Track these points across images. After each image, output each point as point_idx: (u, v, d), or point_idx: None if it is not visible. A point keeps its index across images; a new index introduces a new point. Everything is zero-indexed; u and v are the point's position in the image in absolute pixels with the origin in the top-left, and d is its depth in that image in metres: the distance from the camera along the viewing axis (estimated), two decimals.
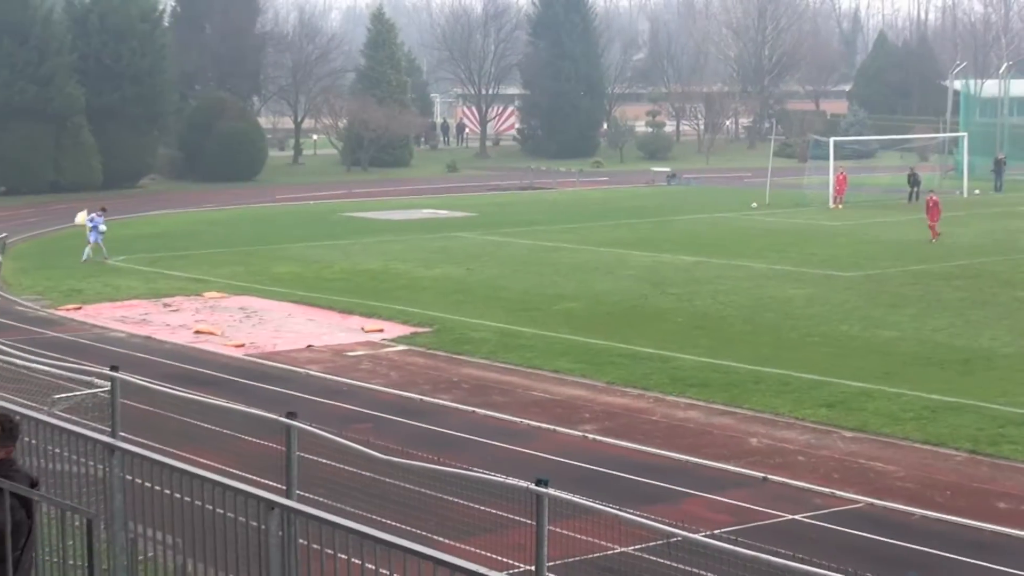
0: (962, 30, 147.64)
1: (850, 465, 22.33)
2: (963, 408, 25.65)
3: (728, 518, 19.44)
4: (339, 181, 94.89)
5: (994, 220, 61.72)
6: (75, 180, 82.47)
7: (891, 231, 57.48)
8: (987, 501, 20.34)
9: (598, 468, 22.15)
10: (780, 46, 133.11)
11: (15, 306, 39.89)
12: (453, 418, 25.96)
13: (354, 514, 14.63)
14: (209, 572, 11.40)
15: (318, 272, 46.87)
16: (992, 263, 46.44)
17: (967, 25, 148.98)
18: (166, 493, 11.44)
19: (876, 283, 42.22)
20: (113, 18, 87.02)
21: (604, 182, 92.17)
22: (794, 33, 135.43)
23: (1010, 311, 36.80)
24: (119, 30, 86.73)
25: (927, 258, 48.19)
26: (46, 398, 19.30)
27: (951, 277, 43.28)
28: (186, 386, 25.41)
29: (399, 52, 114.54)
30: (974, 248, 50.91)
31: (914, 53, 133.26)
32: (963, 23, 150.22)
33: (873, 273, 44.27)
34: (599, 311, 37.78)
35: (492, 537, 16.04)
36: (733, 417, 25.79)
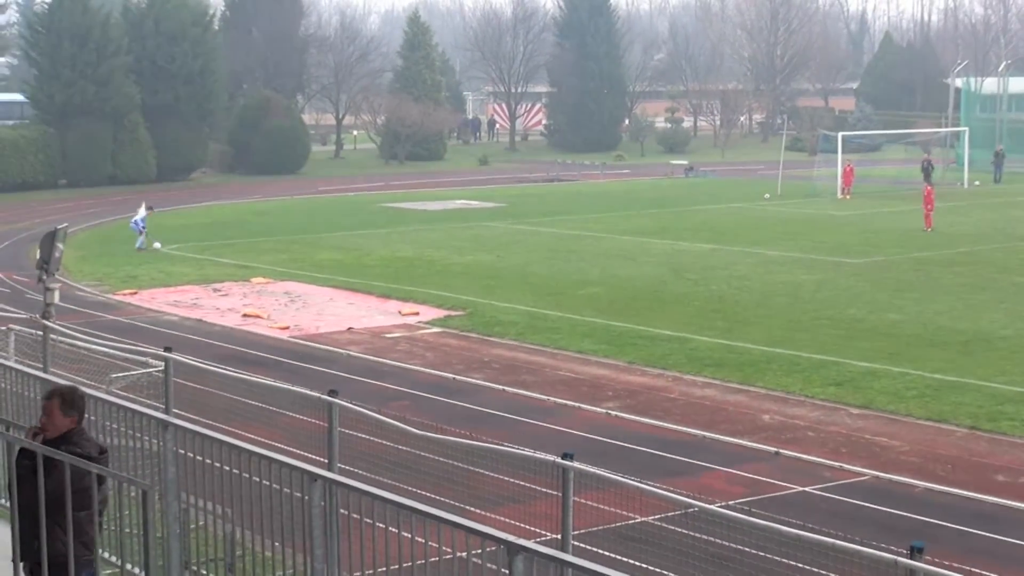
0: (963, 31, 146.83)
1: (857, 440, 22.29)
2: (964, 387, 25.58)
3: (742, 490, 19.42)
4: (377, 174, 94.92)
5: (993, 210, 61.45)
6: (131, 174, 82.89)
7: (896, 220, 57.25)
8: (986, 474, 20.28)
9: (620, 443, 22.15)
10: (791, 46, 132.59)
11: (76, 291, 40.01)
12: (484, 396, 25.99)
13: (391, 486, 14.64)
14: (256, 540, 11.43)
15: (358, 259, 46.90)
16: (991, 250, 46.25)
17: (968, 26, 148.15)
18: (216, 466, 11.47)
19: (882, 269, 42.09)
20: (167, 22, 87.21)
21: (626, 175, 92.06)
22: (804, 34, 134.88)
23: (1008, 295, 36.65)
24: (172, 33, 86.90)
25: (930, 245, 48.02)
26: (104, 377, 19.39)
27: (952, 263, 43.13)
28: (235, 366, 25.45)
29: (433, 53, 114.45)
30: (974, 236, 50.70)
31: (918, 53, 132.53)
32: (964, 24, 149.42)
33: (879, 260, 44.12)
34: (621, 295, 37.74)
35: (520, 507, 16.05)
36: (747, 395, 25.76)
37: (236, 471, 11.13)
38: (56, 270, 25.08)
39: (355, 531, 10.02)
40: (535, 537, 14.52)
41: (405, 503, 9.52)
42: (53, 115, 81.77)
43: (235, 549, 11.74)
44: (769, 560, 13.34)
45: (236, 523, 11.56)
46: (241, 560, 11.75)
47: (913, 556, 9.98)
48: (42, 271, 24.95)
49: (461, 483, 16.43)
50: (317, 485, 10.19)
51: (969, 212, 60.29)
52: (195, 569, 12.17)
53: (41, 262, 24.79)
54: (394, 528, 9.46)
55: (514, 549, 8.37)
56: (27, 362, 19.76)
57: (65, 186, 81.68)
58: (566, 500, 12.76)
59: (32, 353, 21.79)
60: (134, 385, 19.12)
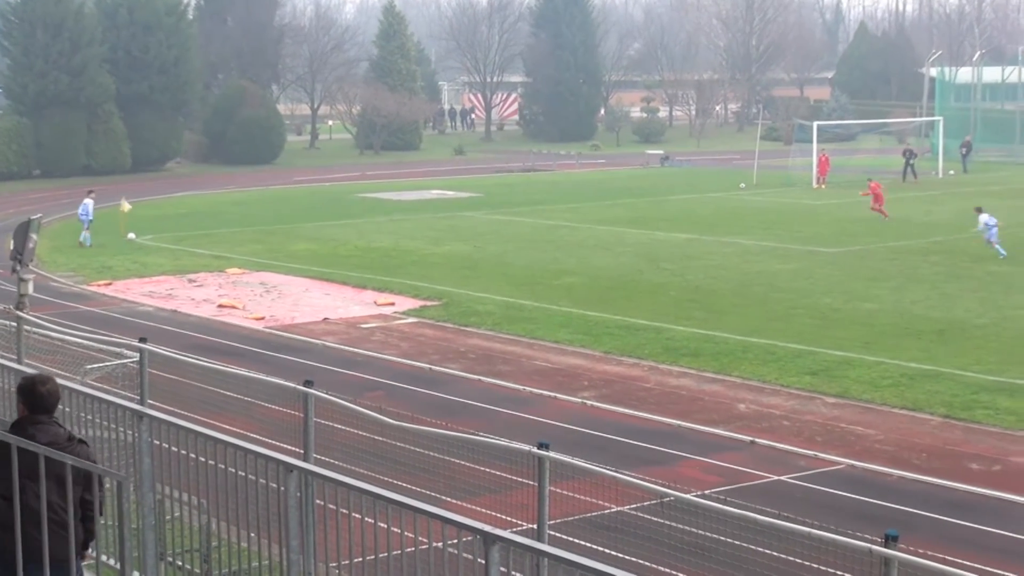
0: (938, 20, 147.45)
1: (832, 429, 22.35)
2: (938, 375, 25.67)
3: (718, 479, 19.47)
4: (353, 164, 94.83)
5: (967, 199, 61.48)
6: (106, 164, 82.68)
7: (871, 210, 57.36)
8: (961, 463, 20.35)
9: (596, 432, 22.17)
10: (767, 36, 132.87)
11: (50, 282, 39.89)
12: (460, 386, 25.99)
13: (368, 476, 14.65)
14: (231, 531, 11.43)
15: (333, 249, 46.85)
16: (965, 239, 46.36)
17: (943, 16, 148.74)
18: (191, 457, 11.47)
19: (857, 258, 42.20)
20: (141, 12, 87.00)
21: (602, 164, 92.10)
22: (780, 24, 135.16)
23: (983, 284, 36.79)
24: (147, 23, 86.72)
25: (905, 235, 48.16)
26: (79, 368, 19.35)
27: (927, 253, 43.27)
28: (210, 356, 25.42)
29: (409, 43, 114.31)
30: (949, 225, 50.84)
31: (893, 42, 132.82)
32: (939, 14, 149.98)
33: (854, 249, 44.24)
34: (597, 285, 37.77)
35: (496, 497, 16.06)
36: (723, 384, 25.81)
37: (211, 462, 11.12)
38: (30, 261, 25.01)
39: (331, 521, 10.03)
40: (511, 527, 14.54)
41: (381, 493, 9.52)
42: (27, 105, 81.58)
43: (211, 540, 11.74)
44: (745, 549, 13.38)
45: (212, 514, 11.56)
46: (217, 551, 11.75)
47: (888, 544, 10.02)
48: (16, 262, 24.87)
49: (437, 473, 16.42)
50: (293, 476, 10.19)
51: (944, 201, 60.46)
52: (171, 560, 12.16)
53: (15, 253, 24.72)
54: (370, 518, 9.47)
55: (490, 539, 8.39)
56: (1, 353, 19.69)
57: (39, 176, 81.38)
58: (542, 490, 12.78)
59: (6, 344, 21.72)
60: (109, 376, 19.08)
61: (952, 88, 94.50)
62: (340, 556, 10.11)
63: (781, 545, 12.83)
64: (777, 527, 11.86)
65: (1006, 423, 22.40)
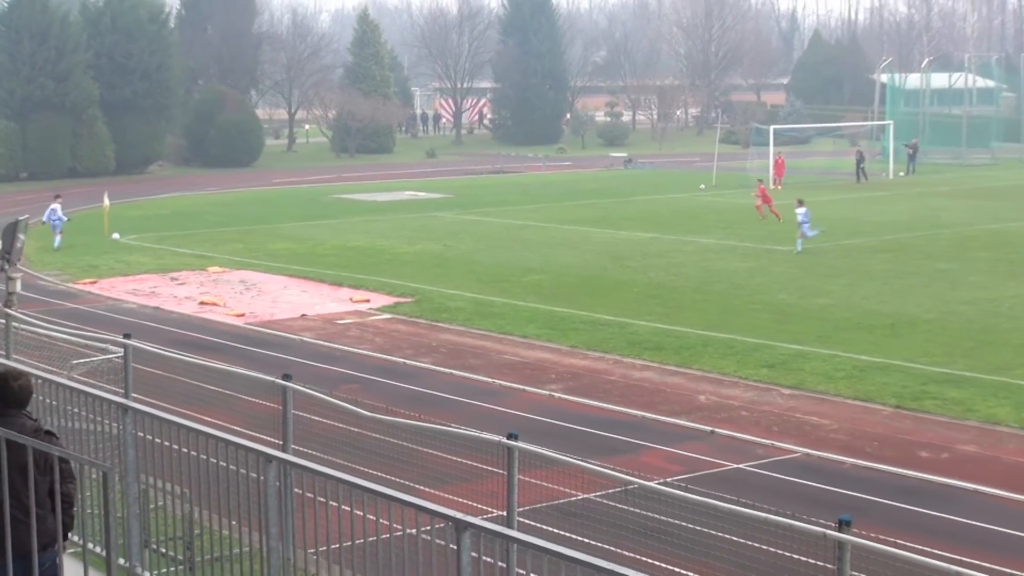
0: (888, 29, 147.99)
1: (788, 419, 22.42)
2: (889, 368, 25.78)
3: (680, 467, 19.51)
4: (329, 166, 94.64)
5: (916, 199, 61.88)
6: (90, 166, 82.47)
7: (825, 209, 57.43)
8: (911, 451, 20.44)
9: (563, 423, 22.19)
10: (725, 44, 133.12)
11: (38, 281, 39.72)
12: (432, 379, 25.98)
13: (344, 466, 14.64)
14: (213, 519, 11.40)
15: (311, 248, 46.77)
16: (915, 238, 46.60)
17: (893, 25, 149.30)
18: (174, 448, 11.44)
19: (811, 256, 42.31)
20: (124, 19, 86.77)
21: (567, 167, 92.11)
22: (738, 32, 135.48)
23: (931, 280, 36.95)
24: (129, 30, 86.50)
25: (857, 233, 48.31)
26: (66, 363, 19.26)
27: (878, 250, 43.43)
28: (192, 352, 25.34)
29: (382, 50, 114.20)
30: (899, 224, 51.04)
31: (845, 50, 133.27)
32: (889, 23, 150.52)
33: (809, 247, 44.33)
34: (563, 282, 37.80)
35: (467, 486, 16.06)
36: (684, 377, 25.86)
37: (194, 453, 11.10)
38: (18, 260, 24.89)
39: (309, 509, 10.02)
40: (482, 514, 14.54)
41: (357, 482, 9.52)
42: (14, 110, 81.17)
43: (193, 528, 11.71)
44: (705, 534, 13.41)
45: (194, 503, 11.53)
46: (199, 538, 11.72)
47: (841, 529, 10.07)
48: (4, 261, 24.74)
49: (411, 463, 16.42)
50: (272, 466, 10.18)
51: (894, 201, 60.69)
52: (155, 547, 12.13)
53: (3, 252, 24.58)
54: (347, 506, 9.47)
55: (462, 526, 8.40)
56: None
57: (26, 179, 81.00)
58: (511, 478, 12.79)
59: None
60: (94, 371, 18.99)
61: (902, 93, 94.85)
62: (318, 543, 10.11)
63: (740, 530, 12.89)
64: (736, 513, 11.91)
65: (953, 413, 22.51)
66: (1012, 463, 19.75)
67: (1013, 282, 36.39)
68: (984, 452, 20.36)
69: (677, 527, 13.55)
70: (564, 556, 7.88)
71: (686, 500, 12.79)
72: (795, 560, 11.78)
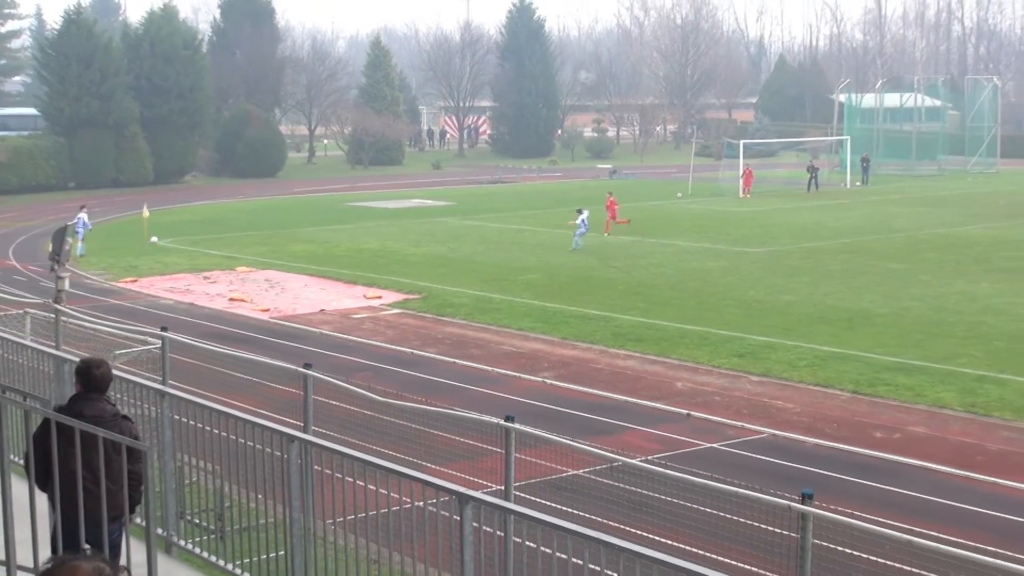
0: (846, 54, 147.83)
1: (756, 403, 22.43)
2: (847, 357, 25.80)
3: (659, 446, 19.51)
4: (345, 177, 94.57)
5: (871, 207, 61.90)
6: (131, 177, 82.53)
7: (789, 216, 57.59)
8: (866, 432, 20.46)
9: (555, 407, 22.20)
10: (700, 67, 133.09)
11: (84, 280, 39.69)
12: (438, 367, 25.99)
13: (358, 445, 14.63)
14: (241, 493, 11.40)
15: (328, 250, 46.75)
16: (869, 241, 46.60)
17: (850, 50, 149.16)
18: (206, 429, 11.43)
19: (777, 257, 42.35)
20: (161, 45, 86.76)
21: (558, 177, 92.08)
22: (711, 57, 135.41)
23: (884, 279, 36.96)
24: (166, 55, 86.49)
25: (819, 236, 48.33)
26: (109, 353, 19.22)
27: (837, 252, 43.44)
28: (222, 343, 25.35)
29: (393, 72, 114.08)
30: (855, 229, 51.06)
31: (807, 72, 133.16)
32: (847, 48, 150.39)
33: (775, 249, 44.40)
34: (555, 281, 37.80)
35: (469, 463, 16.06)
36: (663, 365, 25.87)
37: (224, 434, 11.09)
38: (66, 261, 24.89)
39: (327, 484, 10.01)
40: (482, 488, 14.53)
41: (370, 460, 9.52)
42: (63, 126, 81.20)
43: (224, 501, 11.71)
44: (681, 506, 13.42)
45: (224, 478, 11.53)
46: (229, 510, 11.72)
47: (804, 501, 10.06)
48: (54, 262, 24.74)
49: (418, 442, 16.42)
50: (294, 445, 10.17)
51: (851, 208, 60.71)
52: (189, 518, 12.13)
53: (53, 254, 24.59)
54: (361, 481, 9.46)
55: (464, 499, 8.40)
56: (42, 341, 19.60)
57: (73, 188, 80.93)
58: (508, 456, 12.78)
59: (46, 333, 21.61)
60: (135, 360, 18.99)
61: (858, 111, 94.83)
62: (335, 514, 10.09)
63: (713, 503, 12.88)
64: (709, 487, 11.90)
65: (904, 397, 22.53)
66: (957, 442, 19.77)
67: (958, 280, 36.40)
68: (932, 433, 20.37)
69: (657, 500, 13.56)
70: (556, 526, 7.88)
71: (665, 476, 12.79)
72: (763, 529, 11.78)
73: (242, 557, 11.22)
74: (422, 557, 9.27)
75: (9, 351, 15.93)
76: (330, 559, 10.20)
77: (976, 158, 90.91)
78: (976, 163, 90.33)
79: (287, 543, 10.32)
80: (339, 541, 10.22)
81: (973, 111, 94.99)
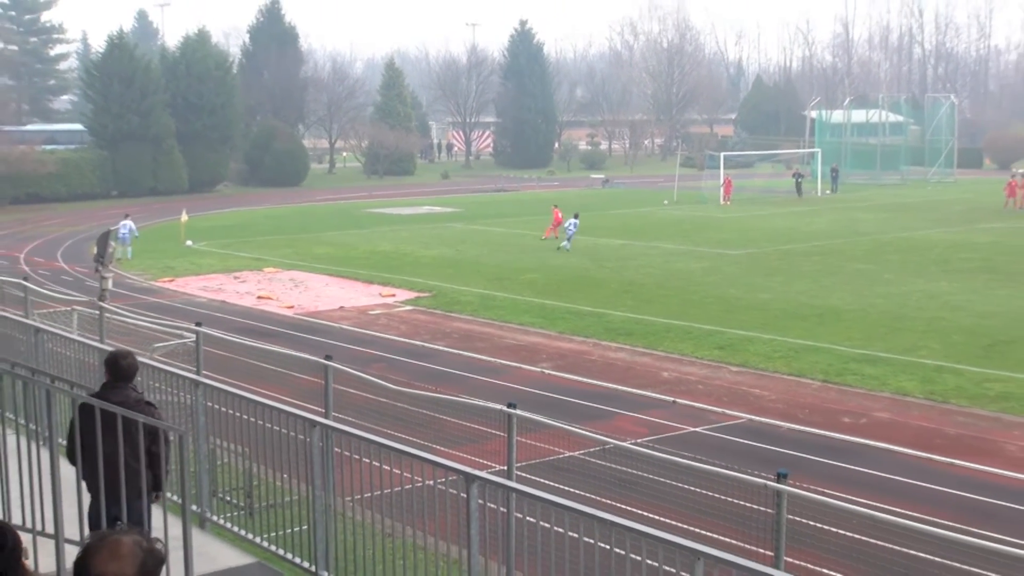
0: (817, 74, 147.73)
1: (736, 391, 22.42)
2: (818, 350, 25.78)
3: (647, 430, 19.49)
4: (362, 186, 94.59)
5: (839, 212, 61.86)
6: (168, 186, 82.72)
7: (766, 221, 57.55)
8: (835, 417, 20.44)
9: (553, 395, 22.18)
10: (684, 86, 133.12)
11: (125, 279, 39.68)
12: (446, 358, 25.97)
13: (375, 429, 14.63)
14: (268, 472, 11.41)
15: (347, 252, 46.74)
16: (839, 243, 46.57)
17: (820, 71, 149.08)
18: (236, 415, 11.44)
19: (755, 259, 42.32)
20: (196, 67, 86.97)
21: (556, 186, 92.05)
22: (694, 77, 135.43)
23: (852, 278, 36.94)
24: (200, 75, 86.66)
25: (792, 239, 48.30)
26: (149, 346, 19.25)
27: (809, 254, 43.42)
28: (251, 337, 25.35)
29: (405, 91, 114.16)
30: (825, 233, 51.04)
31: (782, 91, 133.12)
32: (817, 69, 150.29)
33: (753, 251, 44.37)
34: (553, 280, 37.78)
35: (475, 446, 16.06)
36: (651, 357, 25.85)
37: (252, 419, 11.10)
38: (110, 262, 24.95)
39: (347, 465, 10.01)
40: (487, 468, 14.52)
41: (385, 443, 9.53)
42: (106, 140, 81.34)
43: (252, 480, 11.72)
44: (668, 484, 13.41)
45: (253, 460, 11.53)
46: (257, 488, 11.72)
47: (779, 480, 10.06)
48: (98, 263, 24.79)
49: (428, 427, 16.42)
50: (316, 430, 10.18)
51: (822, 214, 60.67)
52: (221, 496, 12.13)
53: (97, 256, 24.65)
54: (376, 462, 9.47)
55: (470, 478, 8.41)
56: (87, 335, 19.60)
57: (116, 196, 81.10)
58: (511, 439, 12.78)
59: (91, 328, 21.62)
60: (172, 352, 18.99)
61: (828, 126, 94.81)
62: (354, 492, 10.10)
63: (696, 481, 12.88)
64: (693, 467, 11.90)
65: (870, 386, 22.52)
66: (918, 427, 19.75)
67: (919, 280, 36.38)
68: (895, 418, 20.36)
69: (645, 479, 13.55)
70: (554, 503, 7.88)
71: (652, 457, 12.78)
72: (741, 506, 11.76)
73: (269, 531, 11.24)
74: (432, 531, 9.28)
75: (58, 344, 15.94)
76: (349, 533, 10.21)
77: (935, 169, 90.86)
78: (935, 173, 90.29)
79: (310, 518, 10.32)
80: (357, 517, 10.23)
81: (932, 126, 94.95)
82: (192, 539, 8.45)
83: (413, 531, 9.54)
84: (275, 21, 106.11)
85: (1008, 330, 27.76)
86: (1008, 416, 20.20)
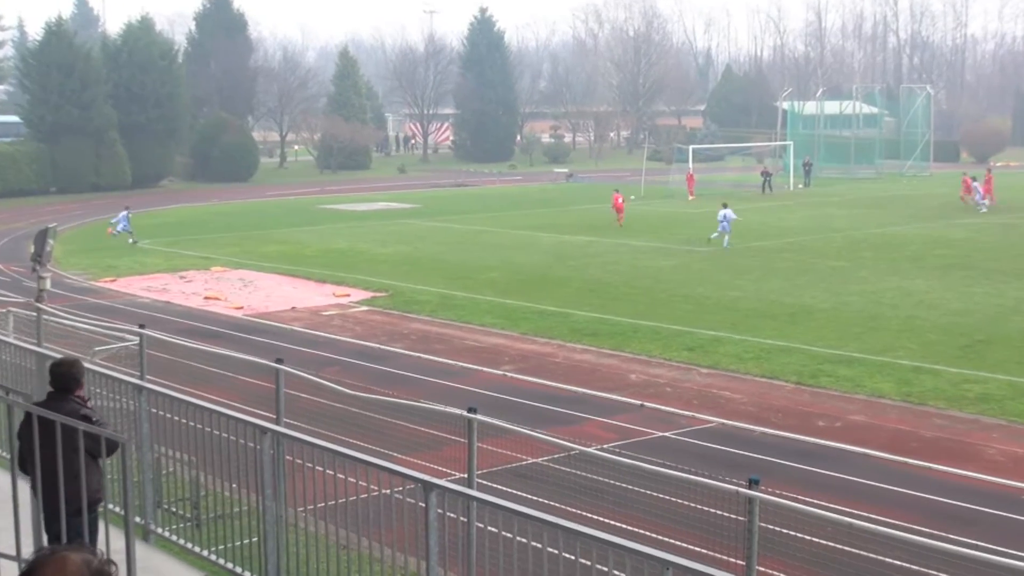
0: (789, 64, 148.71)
1: (706, 394, 22.47)
2: (791, 350, 25.88)
3: (614, 435, 19.51)
4: (314, 181, 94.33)
5: (812, 208, 62.22)
6: (111, 181, 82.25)
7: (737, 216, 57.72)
8: (809, 420, 20.52)
9: (515, 399, 22.16)
10: (651, 77, 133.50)
11: (64, 279, 39.38)
12: (403, 361, 25.90)
13: (328, 436, 14.54)
14: (216, 482, 11.33)
15: (299, 251, 46.57)
16: (812, 240, 46.82)
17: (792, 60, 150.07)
18: (182, 422, 11.36)
19: (725, 256, 42.47)
20: (139, 55, 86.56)
21: (518, 180, 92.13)
22: (661, 67, 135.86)
23: (825, 276, 37.14)
24: (143, 65, 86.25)
25: (764, 236, 48.51)
26: (89, 350, 19.10)
27: (781, 251, 43.62)
28: (198, 339, 25.18)
29: (360, 82, 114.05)
30: (798, 229, 51.31)
31: (753, 81, 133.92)
32: (789, 59, 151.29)
33: (723, 248, 44.50)
34: (515, 279, 37.78)
35: (433, 453, 16.02)
36: (617, 359, 25.88)
37: (199, 426, 11.02)
38: (48, 262, 24.69)
39: (299, 473, 9.96)
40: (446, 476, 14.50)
41: (339, 450, 9.49)
42: (44, 133, 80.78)
43: (199, 490, 11.63)
44: (636, 492, 13.43)
45: (200, 469, 11.45)
46: (204, 499, 11.64)
47: (751, 486, 10.08)
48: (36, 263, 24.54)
49: (385, 433, 16.37)
50: (267, 436, 10.12)
51: (794, 210, 60.99)
52: (166, 507, 12.04)
53: (35, 255, 24.38)
54: (330, 471, 9.42)
55: (429, 487, 8.38)
56: (24, 338, 19.41)
57: (55, 192, 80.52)
58: (471, 446, 12.75)
59: (28, 331, 21.43)
60: (114, 356, 18.85)
61: (800, 118, 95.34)
62: (307, 502, 10.05)
63: (666, 489, 12.89)
64: (662, 474, 11.90)
65: (845, 388, 22.63)
66: (894, 430, 19.87)
67: (894, 277, 36.63)
68: (871, 421, 20.47)
69: (613, 486, 13.56)
70: (516, 512, 7.86)
71: (620, 463, 12.79)
72: (712, 514, 11.79)
73: (217, 544, 11.15)
74: (389, 542, 9.24)
75: None
76: (301, 545, 10.16)
77: (911, 162, 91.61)
78: (911, 167, 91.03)
79: (260, 530, 10.26)
80: (310, 528, 10.18)
81: (908, 118, 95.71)
82: (136, 553, 8.38)
83: (369, 543, 9.49)
84: (223, 8, 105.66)
85: (985, 329, 27.99)
86: (986, 418, 20.35)
